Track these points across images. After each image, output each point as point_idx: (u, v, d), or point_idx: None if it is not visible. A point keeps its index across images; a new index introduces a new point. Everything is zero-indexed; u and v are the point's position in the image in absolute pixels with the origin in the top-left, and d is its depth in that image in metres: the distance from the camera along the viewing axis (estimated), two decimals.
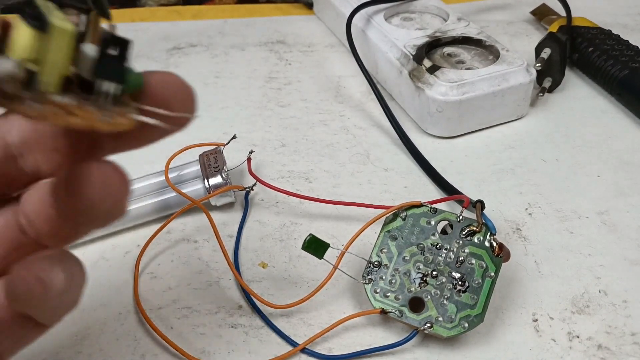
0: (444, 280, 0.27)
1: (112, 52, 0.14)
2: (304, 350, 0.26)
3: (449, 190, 0.34)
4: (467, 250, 0.27)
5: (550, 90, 0.42)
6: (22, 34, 0.13)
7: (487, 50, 0.41)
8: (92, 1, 0.14)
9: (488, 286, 0.26)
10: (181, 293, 0.29)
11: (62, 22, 0.13)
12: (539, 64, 0.41)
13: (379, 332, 0.27)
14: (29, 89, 0.13)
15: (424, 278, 0.27)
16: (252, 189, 0.33)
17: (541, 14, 0.50)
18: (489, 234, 0.27)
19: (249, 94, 0.43)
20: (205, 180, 0.32)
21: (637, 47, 0.42)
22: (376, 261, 0.28)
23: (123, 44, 0.14)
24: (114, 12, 0.54)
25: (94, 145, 0.16)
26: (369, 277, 0.27)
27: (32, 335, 0.18)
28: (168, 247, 0.31)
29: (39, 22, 0.13)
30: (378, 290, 0.27)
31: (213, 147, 0.33)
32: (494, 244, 0.27)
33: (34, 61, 0.13)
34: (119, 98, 0.14)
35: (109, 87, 0.14)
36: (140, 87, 0.15)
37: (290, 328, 0.27)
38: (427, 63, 0.39)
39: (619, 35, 0.44)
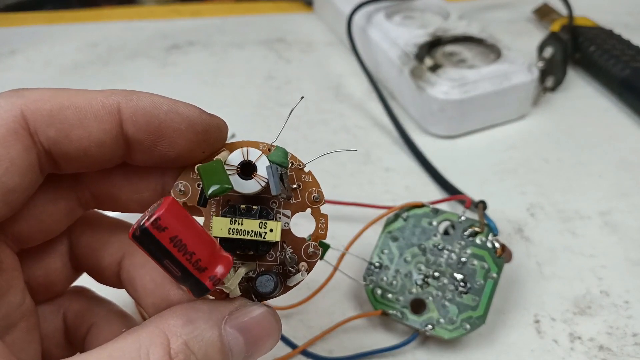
0: (445, 281, 0.27)
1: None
2: (304, 352, 0.26)
3: (450, 190, 0.34)
4: (469, 251, 0.27)
5: (552, 89, 0.42)
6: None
7: (489, 49, 0.41)
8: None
9: (490, 287, 0.26)
10: None
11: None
12: (541, 63, 0.41)
13: (379, 334, 0.27)
14: None
15: (425, 279, 0.27)
16: None
17: (543, 13, 0.49)
18: (491, 234, 0.27)
19: (248, 93, 0.43)
20: None
21: (638, 47, 0.42)
22: (377, 262, 0.27)
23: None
24: (112, 11, 0.54)
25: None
26: (370, 278, 0.27)
27: None
28: None
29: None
30: (379, 292, 0.27)
31: None
32: (496, 244, 0.27)
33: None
34: None
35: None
36: None
37: (290, 330, 0.27)
38: (428, 62, 0.38)
39: (620, 35, 0.43)
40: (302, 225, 0.20)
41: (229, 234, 0.18)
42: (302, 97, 0.22)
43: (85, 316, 0.22)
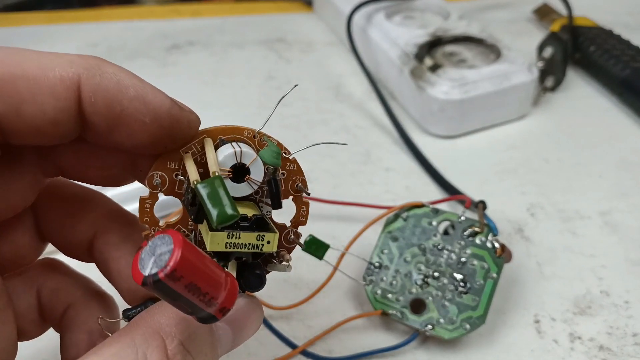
0: (445, 281, 0.27)
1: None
2: (303, 352, 0.26)
3: (450, 190, 0.34)
4: (468, 251, 0.27)
5: (552, 89, 0.42)
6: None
7: (489, 49, 0.41)
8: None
9: (490, 287, 0.26)
10: None
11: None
12: (541, 63, 0.41)
13: (379, 334, 0.27)
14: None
15: (425, 279, 0.27)
16: None
17: (543, 13, 0.49)
18: (490, 234, 0.27)
19: (248, 93, 0.43)
20: None
21: (638, 47, 0.42)
22: (377, 262, 0.27)
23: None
24: (112, 11, 0.54)
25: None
26: (370, 278, 0.27)
27: None
28: None
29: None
30: (379, 292, 0.27)
31: None
32: (496, 244, 0.27)
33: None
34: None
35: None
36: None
37: (290, 330, 0.27)
38: (428, 62, 0.38)
39: (620, 35, 0.43)
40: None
41: (226, 248, 0.17)
42: (296, 85, 0.21)
43: (61, 294, 0.21)
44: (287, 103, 0.42)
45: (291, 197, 0.19)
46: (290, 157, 0.19)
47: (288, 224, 0.20)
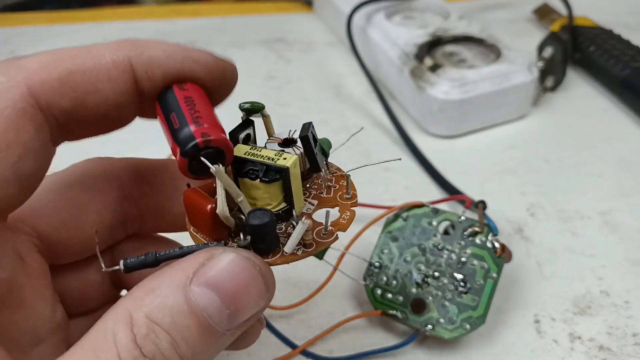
0: (445, 281, 0.27)
1: None
2: (303, 352, 0.26)
3: (450, 190, 0.34)
4: (468, 251, 0.27)
5: (552, 89, 0.42)
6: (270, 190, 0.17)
7: (489, 49, 0.41)
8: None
9: (490, 287, 0.26)
10: None
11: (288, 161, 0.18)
12: (541, 63, 0.41)
13: (379, 334, 0.27)
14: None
15: (425, 279, 0.27)
16: None
17: (543, 13, 0.49)
18: (490, 234, 0.27)
19: (248, 93, 0.42)
20: None
21: (638, 47, 0.42)
22: (377, 262, 0.27)
23: None
24: (112, 11, 0.54)
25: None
26: (370, 278, 0.27)
27: None
28: None
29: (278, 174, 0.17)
30: (379, 292, 0.27)
31: None
32: (496, 244, 0.27)
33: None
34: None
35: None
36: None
37: (290, 330, 0.27)
38: (428, 62, 0.38)
39: (620, 35, 0.43)
40: None
41: (245, 154, 0.17)
42: (362, 128, 0.23)
43: None
44: (287, 103, 0.42)
45: (337, 208, 0.19)
46: (349, 178, 0.20)
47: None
